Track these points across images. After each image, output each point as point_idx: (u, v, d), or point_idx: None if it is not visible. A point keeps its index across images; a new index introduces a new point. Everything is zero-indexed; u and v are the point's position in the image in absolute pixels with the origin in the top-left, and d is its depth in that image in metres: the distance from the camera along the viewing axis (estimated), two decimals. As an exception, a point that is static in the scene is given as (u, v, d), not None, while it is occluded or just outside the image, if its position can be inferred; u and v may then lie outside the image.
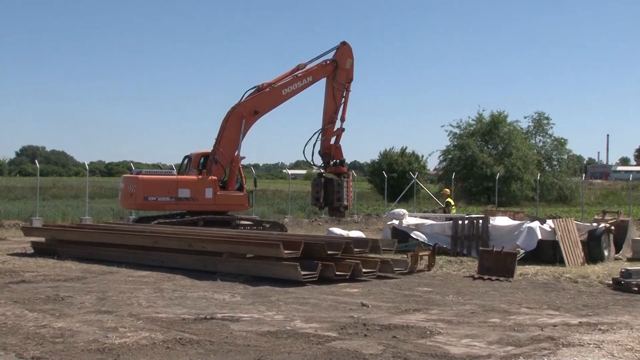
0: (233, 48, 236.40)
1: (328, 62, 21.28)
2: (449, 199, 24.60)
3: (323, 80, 21.44)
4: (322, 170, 21.54)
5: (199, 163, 20.59)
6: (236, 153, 20.53)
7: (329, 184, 21.01)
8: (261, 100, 20.68)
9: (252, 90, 20.78)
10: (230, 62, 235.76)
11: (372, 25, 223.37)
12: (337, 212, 21.68)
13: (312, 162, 21.58)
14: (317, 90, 21.74)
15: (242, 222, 20.63)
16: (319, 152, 21.30)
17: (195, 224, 19.09)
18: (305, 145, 21.19)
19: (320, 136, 21.26)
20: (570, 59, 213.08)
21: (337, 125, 21.39)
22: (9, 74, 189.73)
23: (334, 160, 21.23)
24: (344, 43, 21.50)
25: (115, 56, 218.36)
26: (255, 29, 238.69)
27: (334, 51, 21.41)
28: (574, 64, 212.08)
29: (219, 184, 20.30)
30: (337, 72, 21.22)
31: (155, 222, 19.30)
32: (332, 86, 21.18)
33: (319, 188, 21.05)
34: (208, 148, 20.73)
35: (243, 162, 21.30)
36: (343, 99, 21.43)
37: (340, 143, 21.49)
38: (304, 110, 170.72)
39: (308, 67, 21.18)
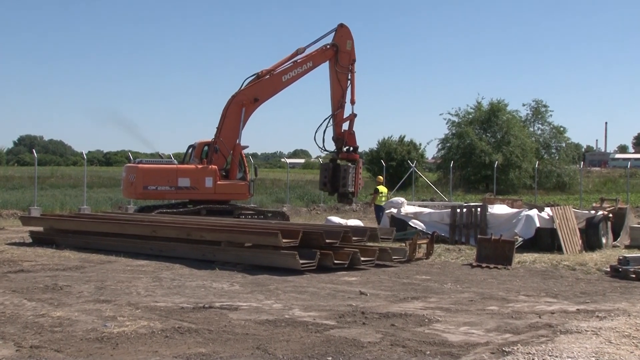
0: (231, 36, 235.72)
1: (328, 46, 20.99)
2: (379, 187, 22.69)
3: (324, 65, 21.16)
4: (333, 156, 21.35)
5: (202, 152, 20.56)
6: (237, 141, 20.48)
7: (337, 169, 20.90)
8: (261, 88, 20.56)
9: (252, 77, 20.60)
10: (230, 50, 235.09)
11: (370, 12, 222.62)
12: (345, 198, 21.53)
13: (323, 148, 21.24)
14: (317, 77, 21.69)
15: (245, 211, 20.62)
16: (332, 138, 21.07)
17: (198, 214, 19.10)
18: (316, 131, 20.98)
19: (331, 122, 21.05)
20: (568, 46, 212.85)
21: (348, 110, 21.12)
22: (6, 62, 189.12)
23: (347, 147, 21.05)
24: (341, 25, 21.17)
25: (113, 44, 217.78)
26: (252, 13, 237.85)
27: (333, 34, 21.09)
28: (573, 51, 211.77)
29: (221, 172, 20.28)
30: (338, 55, 20.92)
31: (157, 211, 19.31)
32: (335, 70, 20.95)
33: (327, 173, 20.95)
34: (211, 137, 20.67)
35: (245, 151, 21.22)
36: (349, 82, 21.15)
37: (354, 129, 21.24)
38: (303, 99, 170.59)
39: (307, 51, 20.93)
